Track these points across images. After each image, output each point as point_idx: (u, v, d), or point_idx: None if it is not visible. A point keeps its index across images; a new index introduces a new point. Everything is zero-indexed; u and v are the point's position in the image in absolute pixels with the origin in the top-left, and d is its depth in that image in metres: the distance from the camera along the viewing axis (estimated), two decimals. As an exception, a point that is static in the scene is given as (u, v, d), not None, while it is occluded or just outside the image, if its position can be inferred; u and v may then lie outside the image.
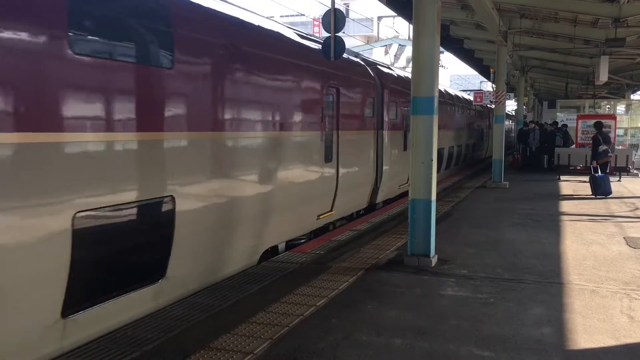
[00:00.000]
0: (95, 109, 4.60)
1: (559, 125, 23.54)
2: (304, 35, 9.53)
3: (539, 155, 22.61)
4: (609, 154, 15.08)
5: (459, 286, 6.28)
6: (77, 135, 4.40)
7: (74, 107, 4.37)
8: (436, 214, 7.57)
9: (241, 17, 7.04)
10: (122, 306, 5.00)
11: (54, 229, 4.21)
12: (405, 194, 11.24)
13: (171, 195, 5.43)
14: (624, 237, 8.98)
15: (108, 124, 4.70)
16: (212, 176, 6.08)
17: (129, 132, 4.91)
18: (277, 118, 7.47)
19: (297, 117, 8.08)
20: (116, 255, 4.96)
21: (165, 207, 5.43)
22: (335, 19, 7.64)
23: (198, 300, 5.71)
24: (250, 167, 6.91)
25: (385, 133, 11.97)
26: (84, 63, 4.43)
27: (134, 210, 5.10)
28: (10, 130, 3.87)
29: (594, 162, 14.57)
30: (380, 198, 12.30)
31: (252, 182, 6.99)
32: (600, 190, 13.87)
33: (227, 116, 6.32)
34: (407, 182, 11.46)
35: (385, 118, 12.00)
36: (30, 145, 4.01)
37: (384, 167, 11.98)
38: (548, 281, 6.51)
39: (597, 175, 14.09)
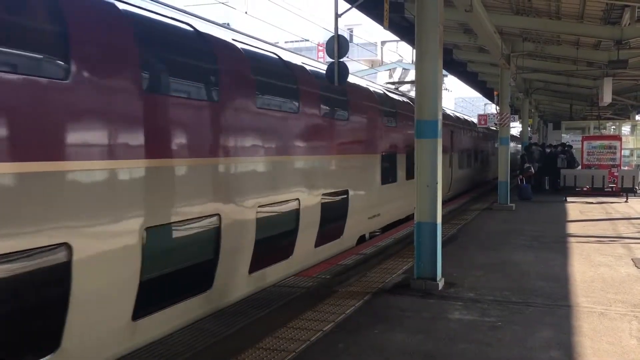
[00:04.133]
0: None
1: (565, 147, 23.27)
2: None
3: (540, 178, 22.34)
4: (530, 169, 20.49)
5: (466, 309, 6.24)
6: None
7: None
8: (442, 237, 7.55)
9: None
10: None
11: None
12: None
13: None
14: (632, 259, 8.91)
15: None
16: None
17: None
18: None
19: None
20: None
21: None
22: (339, 45, 7.75)
23: (204, 326, 5.70)
24: None
25: None
26: None
27: None
28: None
29: (521, 176, 20.49)
30: None
31: None
32: (524, 195, 18.77)
33: None
34: None
35: None
36: None
37: None
38: (556, 304, 6.46)
39: (522, 185, 19.58)
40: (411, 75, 38.49)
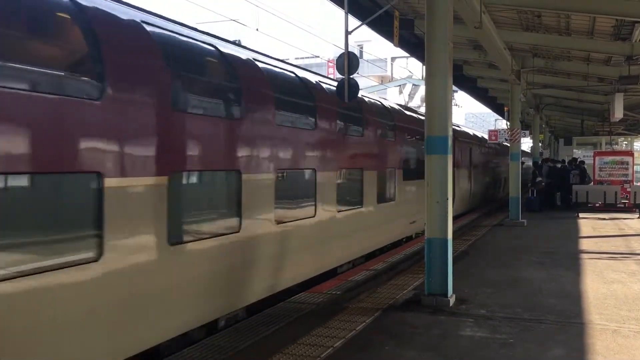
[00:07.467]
0: None
1: (577, 163, 23.05)
2: None
3: (551, 193, 22.12)
4: (542, 183, 21.35)
5: (477, 326, 6.20)
6: None
7: None
8: (453, 253, 7.53)
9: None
10: None
11: None
12: None
13: None
14: (645, 276, 8.83)
15: None
16: None
17: None
18: None
19: None
20: None
21: None
22: (349, 62, 7.81)
23: (215, 342, 5.71)
24: None
25: None
26: None
27: None
28: None
29: (532, 188, 21.64)
30: None
31: None
32: (531, 207, 20.05)
33: None
34: None
35: None
36: None
37: None
38: (568, 321, 6.40)
39: (531, 197, 21.04)
40: (421, 91, 38.61)
